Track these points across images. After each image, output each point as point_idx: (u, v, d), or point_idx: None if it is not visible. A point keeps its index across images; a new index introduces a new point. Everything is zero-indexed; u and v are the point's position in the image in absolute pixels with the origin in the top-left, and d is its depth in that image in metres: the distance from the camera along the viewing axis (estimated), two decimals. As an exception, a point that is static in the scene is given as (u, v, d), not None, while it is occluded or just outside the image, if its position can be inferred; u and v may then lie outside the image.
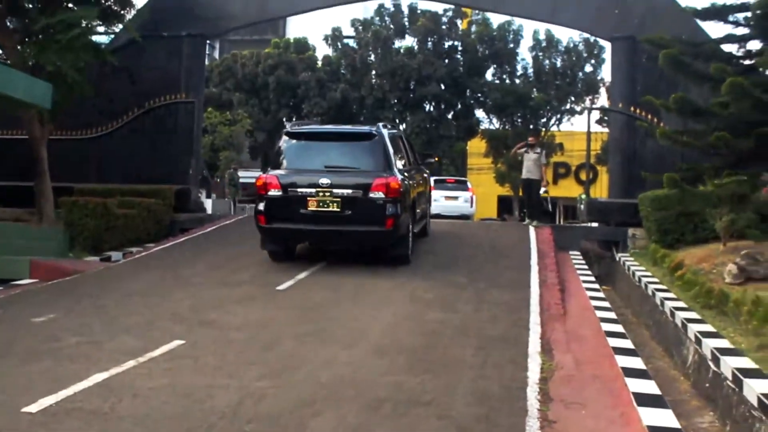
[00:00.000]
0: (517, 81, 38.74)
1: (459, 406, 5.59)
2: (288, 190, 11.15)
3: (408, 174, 12.08)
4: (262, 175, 11.70)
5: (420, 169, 13.93)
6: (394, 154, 11.65)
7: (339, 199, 10.93)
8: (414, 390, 5.89)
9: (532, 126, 37.10)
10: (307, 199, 11.01)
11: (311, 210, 11.00)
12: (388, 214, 10.86)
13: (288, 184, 11.18)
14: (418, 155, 14.83)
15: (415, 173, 13.01)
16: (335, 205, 10.94)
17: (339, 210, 10.94)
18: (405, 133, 15.37)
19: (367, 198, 10.93)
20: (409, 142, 14.48)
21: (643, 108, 16.29)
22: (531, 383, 6.17)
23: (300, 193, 11.08)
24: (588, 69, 38.23)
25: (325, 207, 10.96)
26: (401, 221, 11.11)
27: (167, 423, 5.14)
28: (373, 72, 39.03)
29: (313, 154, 11.56)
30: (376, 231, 10.99)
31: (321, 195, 10.96)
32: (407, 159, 12.97)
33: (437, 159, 34.75)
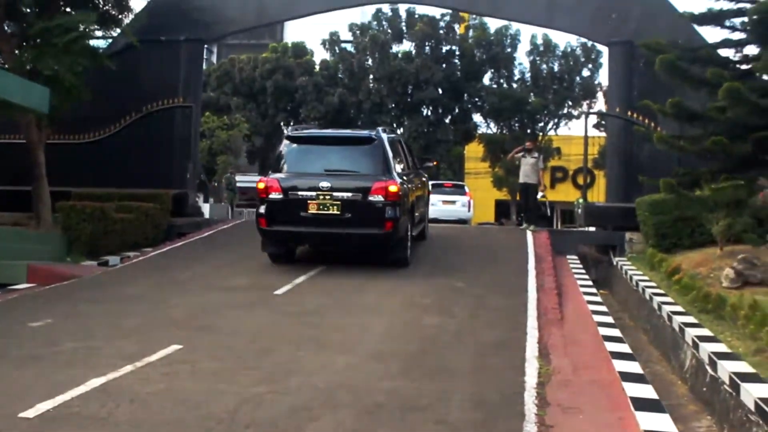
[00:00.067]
0: (515, 85, 38.79)
1: (456, 411, 5.59)
2: (289, 193, 11.28)
3: (407, 178, 12.19)
4: (263, 178, 11.81)
5: (419, 173, 14.04)
6: (393, 158, 11.75)
7: (339, 202, 11.06)
8: (411, 395, 5.89)
9: (529, 130, 37.10)
10: (308, 202, 11.14)
11: (311, 213, 11.13)
12: (387, 217, 10.98)
13: (289, 187, 11.30)
14: (416, 159, 14.92)
15: (414, 177, 13.10)
16: (335, 208, 11.07)
17: (339, 213, 11.07)
18: (403, 138, 15.40)
19: (367, 201, 11.05)
20: (408, 146, 14.55)
21: (640, 112, 16.32)
22: (528, 388, 6.16)
23: (300, 196, 11.20)
24: (585, 73, 38.32)
25: (326, 210, 11.09)
26: (400, 224, 11.21)
27: (165, 428, 5.12)
28: (371, 76, 39.07)
29: (314, 157, 11.69)
30: (375, 234, 11.12)
31: (321, 198, 11.08)
32: (406, 163, 13.06)
33: (435, 163, 34.81)
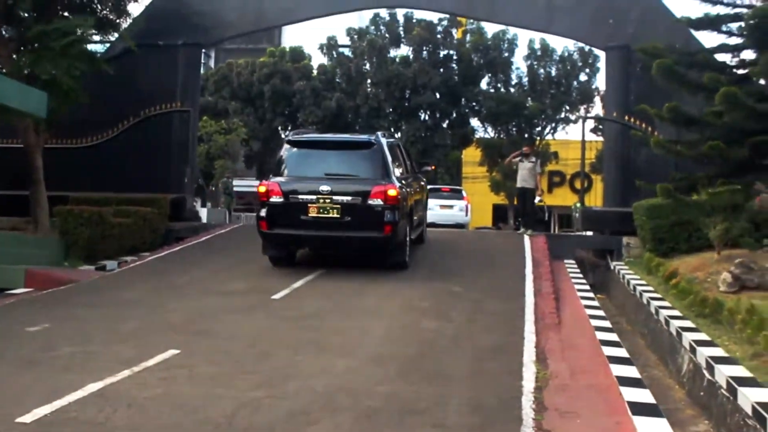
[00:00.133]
0: (512, 90, 38.77)
1: (454, 415, 5.59)
2: (289, 196, 11.40)
3: (406, 182, 12.29)
4: (264, 182, 11.91)
5: (417, 177, 14.13)
6: (392, 162, 11.88)
7: (339, 206, 11.19)
8: (409, 399, 5.89)
9: (526, 135, 37.10)
10: (308, 206, 11.26)
11: (312, 216, 11.25)
12: (386, 220, 11.11)
13: (289, 190, 11.42)
14: (415, 164, 15.00)
15: (413, 181, 13.20)
16: (335, 212, 11.19)
17: (339, 216, 11.19)
18: (401, 142, 15.45)
19: (366, 205, 11.18)
20: (407, 150, 14.63)
21: (638, 117, 16.34)
22: (526, 392, 6.17)
23: (301, 200, 11.32)
24: (583, 78, 38.29)
25: (325, 213, 11.21)
26: (399, 228, 11.33)
27: (162, 433, 5.13)
28: (369, 81, 39.06)
29: (314, 161, 11.83)
30: (374, 237, 11.23)
31: (321, 202, 11.20)
32: (405, 167, 13.16)
33: (433, 168, 34.78)
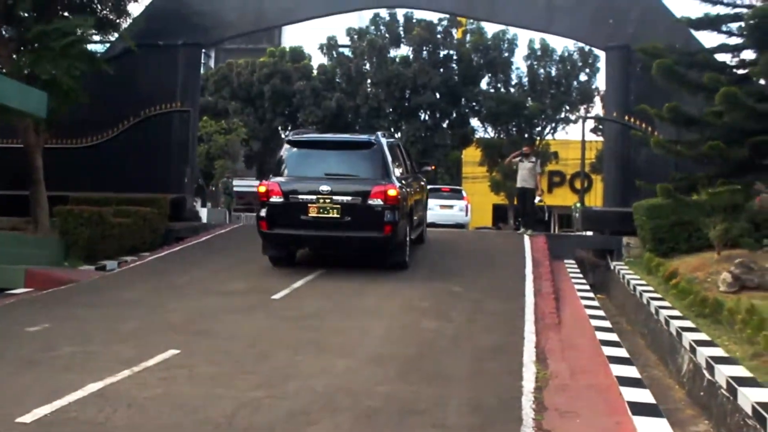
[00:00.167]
0: (512, 90, 38.77)
1: (454, 415, 5.59)
2: (289, 196, 11.41)
3: (406, 182, 12.30)
4: (264, 182, 11.92)
5: (417, 177, 14.14)
6: (392, 162, 11.89)
7: (339, 206, 11.20)
8: (409, 399, 5.89)
9: (526, 135, 37.10)
10: (308, 206, 11.28)
11: (312, 216, 11.27)
12: (386, 220, 11.12)
13: (289, 190, 11.44)
14: (415, 163, 15.02)
15: (413, 181, 13.21)
16: (335, 212, 11.20)
17: (339, 216, 11.20)
18: (401, 142, 15.47)
19: (366, 205, 11.19)
20: (407, 150, 14.63)
21: (638, 117, 16.34)
22: (526, 392, 6.17)
23: (301, 200, 11.34)
24: (583, 78, 38.29)
25: (326, 213, 11.23)
26: (399, 228, 11.33)
27: (162, 433, 5.13)
28: (369, 81, 39.06)
29: (314, 161, 11.84)
30: (374, 237, 11.24)
31: (321, 202, 11.22)
32: (405, 167, 13.17)
33: (433, 168, 34.79)
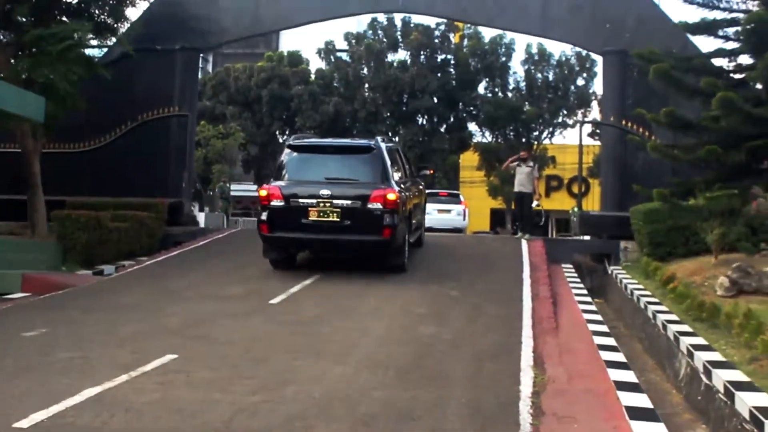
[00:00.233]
0: (510, 94, 38.84)
1: (451, 420, 5.59)
2: (290, 200, 11.54)
3: (404, 186, 12.45)
4: (265, 186, 12.08)
5: (416, 181, 14.30)
6: (391, 166, 12.02)
7: (339, 210, 11.32)
8: (406, 405, 5.88)
9: (524, 139, 37.16)
10: (308, 209, 11.40)
11: (312, 220, 11.40)
12: (385, 224, 11.24)
13: (290, 194, 11.57)
14: (413, 168, 15.15)
15: (411, 185, 13.34)
16: (335, 215, 11.32)
17: (339, 220, 11.33)
18: (399, 147, 15.53)
19: (366, 209, 11.32)
20: (405, 155, 14.73)
21: (635, 121, 16.38)
22: (523, 397, 6.17)
23: (301, 204, 11.47)
24: (580, 82, 38.37)
25: (326, 217, 11.35)
26: (398, 231, 11.45)
27: (159, 438, 5.12)
28: (366, 85, 39.12)
29: (314, 166, 11.97)
30: (373, 240, 11.37)
31: (321, 205, 11.35)
32: (404, 171, 13.33)
33: (432, 172, 34.81)
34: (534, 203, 17.12)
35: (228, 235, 17.06)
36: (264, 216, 11.65)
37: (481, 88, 39.29)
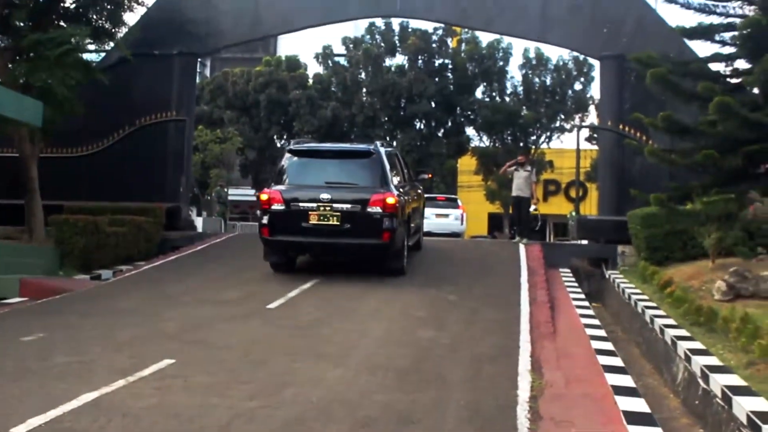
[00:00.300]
0: (507, 99, 38.85)
1: (449, 424, 5.59)
2: (290, 204, 11.66)
3: (403, 190, 12.60)
4: (266, 190, 12.16)
5: (414, 186, 14.46)
6: (390, 170, 12.17)
7: (339, 214, 11.45)
8: (405, 408, 5.89)
9: (522, 143, 37.20)
10: (309, 213, 11.53)
11: (312, 223, 11.53)
12: (384, 227, 11.37)
13: (290, 198, 11.68)
14: (412, 172, 15.30)
15: (410, 189, 13.48)
16: (335, 219, 11.46)
17: (338, 223, 11.46)
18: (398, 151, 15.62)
19: (365, 212, 11.45)
20: (404, 159, 14.82)
21: (632, 126, 16.38)
22: (521, 401, 6.17)
23: (302, 208, 11.59)
24: (577, 87, 38.38)
25: (326, 221, 11.49)
26: (397, 235, 11.58)
27: (157, 443, 5.12)
28: (364, 90, 39.11)
29: (315, 170, 12.13)
30: (373, 243, 11.51)
31: (322, 209, 11.47)
32: (402, 176, 13.46)
33: (430, 176, 34.84)
34: (532, 208, 17.16)
35: (226, 240, 17.07)
36: (265, 219, 11.75)
37: (479, 92, 39.29)
